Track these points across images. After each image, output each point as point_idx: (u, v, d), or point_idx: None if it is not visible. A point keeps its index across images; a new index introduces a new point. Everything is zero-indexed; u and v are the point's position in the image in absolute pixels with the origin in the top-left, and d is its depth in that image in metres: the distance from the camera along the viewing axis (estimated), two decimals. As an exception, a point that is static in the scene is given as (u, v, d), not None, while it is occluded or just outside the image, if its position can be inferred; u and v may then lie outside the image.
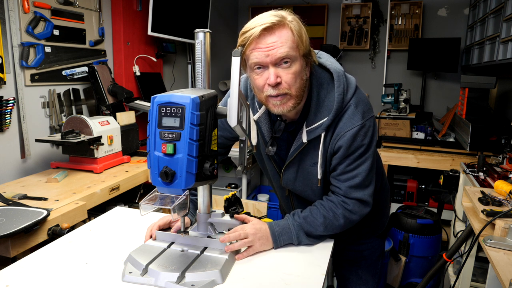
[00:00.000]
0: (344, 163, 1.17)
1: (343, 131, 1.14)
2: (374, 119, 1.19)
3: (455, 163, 2.89)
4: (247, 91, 1.29)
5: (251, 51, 1.06)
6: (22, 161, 2.19)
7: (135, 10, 3.01)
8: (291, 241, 1.18)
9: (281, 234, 1.17)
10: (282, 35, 1.04)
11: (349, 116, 1.14)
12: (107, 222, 1.37)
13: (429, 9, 4.18)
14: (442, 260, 2.13)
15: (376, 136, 1.19)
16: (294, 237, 1.17)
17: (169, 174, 0.88)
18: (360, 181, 1.17)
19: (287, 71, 1.06)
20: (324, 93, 1.16)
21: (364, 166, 1.17)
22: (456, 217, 2.52)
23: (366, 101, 1.19)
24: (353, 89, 1.17)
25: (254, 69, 1.09)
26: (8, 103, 2.04)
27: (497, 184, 1.74)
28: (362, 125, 1.13)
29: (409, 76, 4.31)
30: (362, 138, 1.14)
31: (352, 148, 1.14)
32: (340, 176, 1.19)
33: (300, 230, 1.18)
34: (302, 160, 1.23)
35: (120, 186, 2.02)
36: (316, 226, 1.17)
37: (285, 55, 1.04)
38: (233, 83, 0.92)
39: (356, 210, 1.19)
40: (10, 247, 1.36)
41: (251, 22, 1.06)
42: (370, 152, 1.17)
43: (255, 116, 1.24)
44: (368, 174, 1.18)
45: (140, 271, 0.98)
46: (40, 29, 2.24)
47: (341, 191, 1.19)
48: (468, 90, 2.97)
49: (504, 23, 2.61)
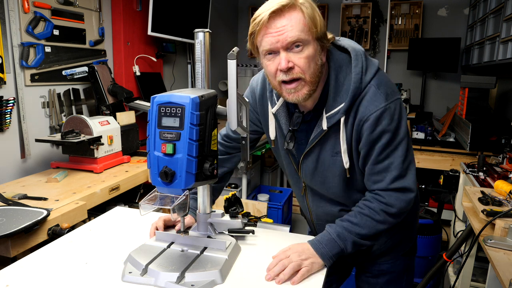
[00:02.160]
0: (374, 152, 1.07)
1: (366, 115, 1.04)
2: (401, 101, 1.08)
3: (455, 163, 2.89)
4: (265, 84, 1.24)
5: (262, 37, 1.02)
6: (22, 161, 2.19)
7: (135, 10, 3.01)
8: (335, 245, 1.07)
9: (321, 242, 1.07)
10: (292, 18, 0.99)
11: (371, 98, 1.05)
12: (107, 222, 1.37)
13: (429, 9, 4.18)
14: (442, 260, 2.13)
15: (404, 119, 1.08)
16: (335, 237, 1.08)
17: (168, 174, 0.88)
18: (396, 172, 1.07)
19: (299, 55, 1.01)
20: (343, 75, 1.08)
21: (396, 154, 1.07)
22: (456, 217, 2.52)
23: (389, 83, 1.08)
24: (374, 69, 1.07)
25: (265, 56, 1.05)
26: (8, 103, 2.04)
27: (497, 184, 1.74)
28: (386, 107, 1.04)
29: (409, 76, 4.31)
30: (388, 122, 1.04)
31: (376, 133, 1.05)
32: (374, 167, 1.09)
33: (341, 228, 1.09)
34: (322, 150, 1.14)
35: (120, 186, 2.02)
36: (354, 226, 1.09)
37: (296, 39, 0.99)
38: (231, 86, 0.92)
39: (393, 203, 1.09)
40: (10, 247, 1.36)
41: (261, 7, 1.02)
42: (399, 137, 1.06)
43: (273, 109, 1.19)
44: (403, 162, 1.07)
45: (140, 271, 0.98)
46: (40, 29, 2.24)
47: (378, 185, 1.10)
48: (468, 90, 2.97)
49: (504, 23, 2.61)
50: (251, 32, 1.04)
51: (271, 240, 1.21)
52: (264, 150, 3.29)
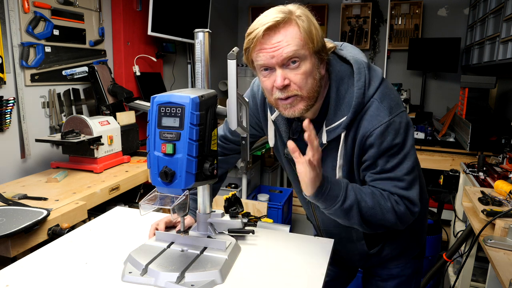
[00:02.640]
0: (378, 165, 1.04)
1: (369, 130, 1.02)
2: (405, 114, 1.04)
3: (455, 163, 2.89)
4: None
5: (257, 53, 0.99)
6: (22, 161, 2.19)
7: (135, 10, 3.01)
8: (339, 189, 0.99)
9: (331, 181, 1.00)
10: (287, 33, 0.96)
11: (374, 112, 1.02)
12: (107, 222, 1.37)
13: (429, 9, 4.19)
14: (442, 260, 2.13)
15: (411, 133, 1.04)
16: (343, 186, 1.00)
17: (168, 174, 0.88)
18: (399, 184, 1.04)
19: (296, 71, 0.98)
20: (345, 88, 1.05)
21: (401, 168, 1.03)
22: (456, 217, 2.52)
23: (393, 95, 1.05)
24: (377, 82, 1.05)
25: (261, 71, 1.02)
26: (8, 103, 2.04)
27: (497, 184, 1.74)
28: (390, 121, 1.01)
29: (409, 76, 4.31)
30: (392, 137, 1.01)
31: (382, 149, 1.02)
32: (376, 176, 1.06)
33: (349, 185, 1.02)
34: (322, 163, 1.06)
35: (120, 186, 2.02)
36: (363, 194, 1.02)
37: (292, 55, 0.96)
38: (231, 86, 0.92)
39: (401, 203, 1.04)
40: (10, 247, 1.36)
41: (256, 21, 0.99)
42: (405, 151, 1.03)
43: (272, 116, 1.16)
44: (408, 176, 1.04)
45: (140, 271, 0.98)
46: (40, 29, 2.24)
47: (380, 186, 1.05)
48: (468, 90, 2.97)
49: (504, 23, 2.61)
50: (246, 47, 1.01)
51: (271, 240, 1.21)
52: (264, 150, 3.29)
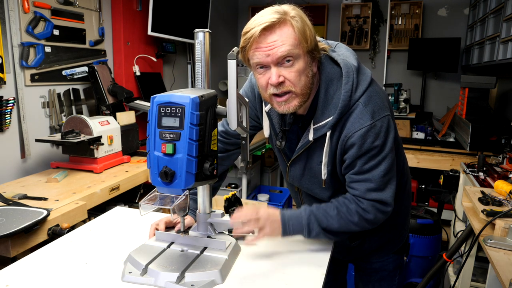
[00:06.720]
0: (356, 165, 1.11)
1: (351, 132, 1.08)
2: (388, 118, 1.10)
3: (455, 163, 2.89)
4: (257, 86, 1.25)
5: (253, 52, 1.04)
6: (22, 161, 2.19)
7: (135, 10, 3.01)
8: (300, 227, 1.11)
9: (291, 219, 1.11)
10: (282, 33, 1.01)
11: (357, 115, 1.08)
12: (107, 222, 1.37)
13: (429, 9, 4.18)
14: (442, 260, 2.13)
15: (391, 136, 1.10)
16: (305, 223, 1.11)
17: (168, 174, 0.88)
18: (374, 185, 1.11)
19: (290, 69, 1.03)
20: (333, 89, 1.10)
21: (378, 170, 1.10)
22: (456, 217, 2.52)
23: (378, 100, 1.11)
24: (364, 86, 1.10)
25: (256, 69, 1.07)
26: (8, 103, 2.04)
27: (497, 184, 1.74)
28: (371, 125, 1.07)
29: (409, 76, 4.31)
30: (372, 139, 1.07)
31: (362, 150, 1.08)
32: (354, 176, 1.13)
33: (312, 216, 1.11)
34: (309, 158, 1.19)
35: (120, 186, 2.02)
36: (329, 217, 1.11)
37: (287, 54, 1.01)
38: (231, 86, 0.93)
39: (370, 210, 1.12)
40: (10, 247, 1.36)
41: (252, 21, 1.04)
42: (383, 154, 1.09)
43: (266, 108, 1.21)
44: (384, 176, 1.10)
45: (140, 271, 0.98)
46: (40, 29, 2.24)
47: (356, 192, 1.13)
48: (468, 90, 2.97)
49: (504, 23, 2.61)
50: (242, 46, 1.06)
51: (271, 240, 1.21)
52: (264, 150, 3.29)
